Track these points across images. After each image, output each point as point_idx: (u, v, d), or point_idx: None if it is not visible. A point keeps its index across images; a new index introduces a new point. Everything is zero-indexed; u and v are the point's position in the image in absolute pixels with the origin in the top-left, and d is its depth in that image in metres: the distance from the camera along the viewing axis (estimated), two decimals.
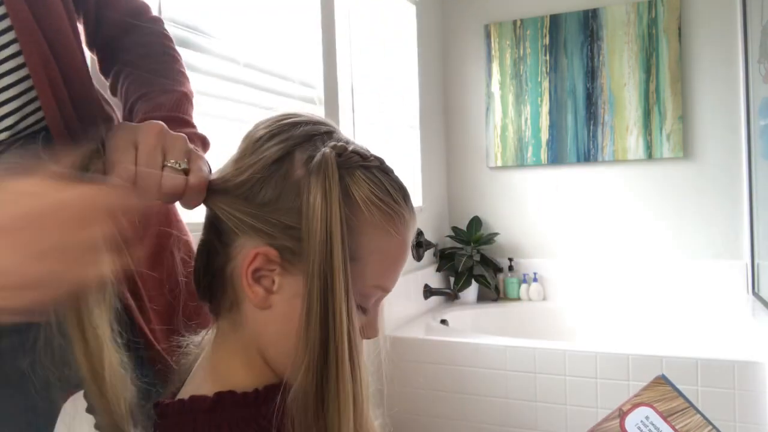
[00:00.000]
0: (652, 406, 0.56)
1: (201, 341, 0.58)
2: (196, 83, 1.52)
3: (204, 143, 0.74)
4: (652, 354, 1.89)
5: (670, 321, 2.52)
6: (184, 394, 0.51)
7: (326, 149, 0.49)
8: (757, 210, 2.37)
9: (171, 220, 0.76)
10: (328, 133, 0.52)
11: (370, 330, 0.54)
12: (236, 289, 0.51)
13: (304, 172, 0.48)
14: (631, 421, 0.55)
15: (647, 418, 0.55)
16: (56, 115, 0.61)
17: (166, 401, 0.50)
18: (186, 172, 0.51)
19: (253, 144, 0.52)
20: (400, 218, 0.51)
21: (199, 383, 0.52)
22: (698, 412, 0.55)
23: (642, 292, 2.67)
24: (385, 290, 0.53)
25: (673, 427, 0.54)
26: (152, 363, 0.68)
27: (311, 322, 0.46)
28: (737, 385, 1.78)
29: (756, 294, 2.41)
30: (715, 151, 2.59)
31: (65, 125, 0.62)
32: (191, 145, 0.54)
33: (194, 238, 0.60)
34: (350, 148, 0.50)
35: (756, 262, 2.43)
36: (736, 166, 2.55)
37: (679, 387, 0.56)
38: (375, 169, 0.51)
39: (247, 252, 0.49)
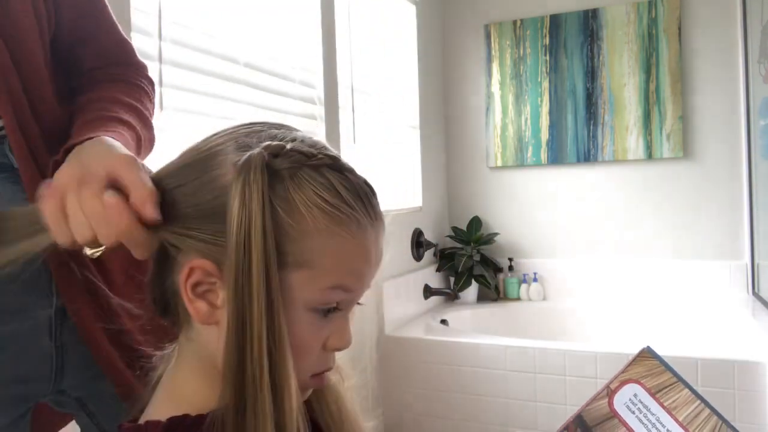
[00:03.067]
0: (639, 383, 0.54)
1: (167, 354, 0.55)
2: (195, 83, 1.53)
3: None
4: None
5: (670, 321, 2.52)
6: (145, 414, 0.49)
7: (255, 150, 0.44)
8: (757, 210, 2.37)
9: None
10: (271, 132, 0.48)
11: (337, 339, 0.49)
12: (185, 305, 0.47)
13: (232, 177, 0.44)
14: (619, 399, 0.54)
15: (635, 395, 0.54)
16: (14, 124, 0.60)
17: (126, 424, 0.49)
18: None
19: (185, 152, 0.48)
20: (352, 221, 0.45)
21: (158, 404, 0.50)
22: (686, 386, 0.53)
23: (642, 291, 2.67)
24: (347, 290, 0.47)
25: (661, 404, 0.53)
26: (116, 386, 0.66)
27: (228, 342, 0.42)
28: (737, 385, 1.78)
29: (756, 294, 2.41)
30: (715, 151, 2.59)
31: (23, 134, 0.60)
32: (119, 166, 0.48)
33: None
34: (289, 147, 0.45)
35: (756, 262, 2.43)
36: (736, 166, 2.55)
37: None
38: (325, 169, 0.46)
39: (185, 264, 0.45)
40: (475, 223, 2.96)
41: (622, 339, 2.53)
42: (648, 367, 0.55)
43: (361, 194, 0.47)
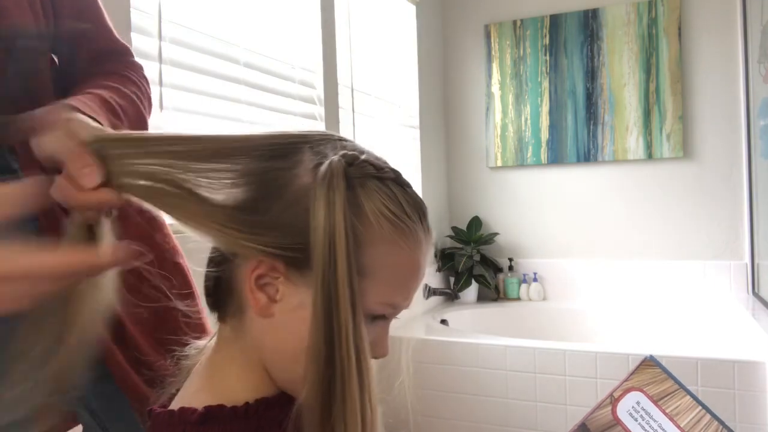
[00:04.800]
0: (642, 391, 0.55)
1: (203, 346, 0.57)
2: (196, 83, 1.53)
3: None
4: (651, 354, 1.89)
5: (670, 321, 2.52)
6: (177, 401, 0.50)
7: (335, 157, 0.47)
8: (757, 210, 2.37)
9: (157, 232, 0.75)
10: (341, 140, 0.51)
11: (379, 348, 0.52)
12: (241, 296, 0.49)
13: (311, 181, 0.46)
14: (622, 407, 0.55)
15: (638, 403, 0.55)
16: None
17: (158, 409, 0.50)
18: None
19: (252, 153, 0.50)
20: (412, 234, 0.49)
21: (192, 392, 0.51)
22: (688, 393, 0.54)
23: (642, 291, 2.67)
24: (396, 307, 0.51)
25: (663, 412, 0.54)
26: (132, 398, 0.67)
27: (317, 337, 0.45)
28: (737, 385, 1.78)
29: (756, 294, 2.41)
30: (715, 151, 2.59)
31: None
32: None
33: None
34: (362, 158, 0.48)
35: (756, 262, 2.43)
36: (736, 166, 2.55)
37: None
38: (390, 182, 0.49)
39: (254, 258, 0.47)
40: (475, 223, 2.96)
41: (623, 339, 2.53)
42: (651, 375, 0.56)
43: (419, 210, 0.50)
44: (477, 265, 2.79)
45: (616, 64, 2.70)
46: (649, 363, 0.57)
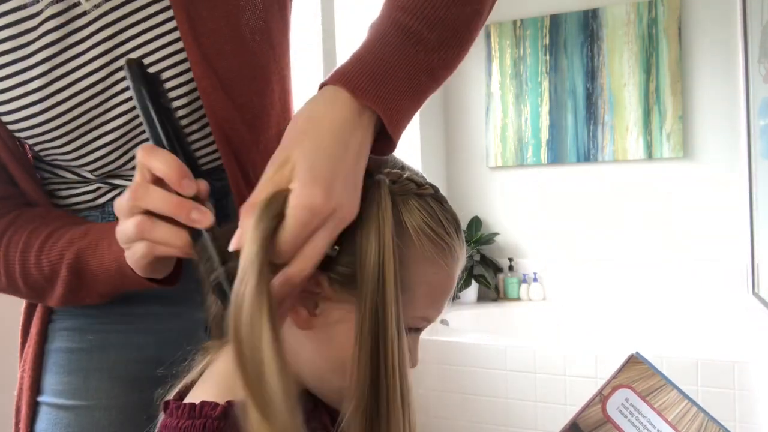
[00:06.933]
0: (630, 387, 0.56)
1: (218, 346, 0.56)
2: None
3: None
4: (652, 354, 1.89)
5: (670, 321, 2.52)
6: (195, 395, 0.49)
7: (380, 176, 0.48)
8: (757, 210, 2.37)
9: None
10: (384, 158, 0.52)
11: (411, 359, 0.52)
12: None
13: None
14: (612, 404, 0.56)
15: (627, 400, 0.56)
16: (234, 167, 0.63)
17: (176, 402, 0.49)
18: None
19: None
20: (450, 250, 0.50)
21: (212, 387, 0.50)
22: (674, 387, 0.55)
23: (642, 291, 2.67)
24: (429, 321, 0.52)
25: (652, 407, 0.55)
26: None
27: (362, 355, 0.45)
28: (737, 385, 1.79)
29: (756, 294, 2.41)
30: (715, 151, 2.59)
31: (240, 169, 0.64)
32: None
33: None
34: (405, 175, 0.50)
35: (756, 262, 2.43)
36: (736, 166, 2.55)
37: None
38: (429, 198, 0.50)
39: None
40: (475, 223, 2.96)
41: (622, 339, 2.53)
42: (638, 371, 0.57)
43: (456, 225, 0.51)
44: (477, 265, 2.80)
45: (616, 64, 2.70)
46: (636, 360, 0.58)
